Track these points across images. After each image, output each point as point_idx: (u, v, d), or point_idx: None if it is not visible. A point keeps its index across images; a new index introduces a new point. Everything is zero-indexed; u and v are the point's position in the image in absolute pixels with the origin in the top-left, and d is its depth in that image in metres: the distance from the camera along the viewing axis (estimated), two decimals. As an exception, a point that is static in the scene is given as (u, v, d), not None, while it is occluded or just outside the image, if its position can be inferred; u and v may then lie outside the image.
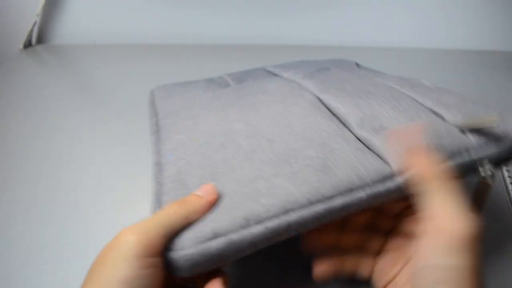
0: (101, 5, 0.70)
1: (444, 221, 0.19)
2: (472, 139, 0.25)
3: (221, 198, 0.22)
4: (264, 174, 0.23)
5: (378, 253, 0.26)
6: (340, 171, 0.23)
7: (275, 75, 0.42)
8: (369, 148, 0.25)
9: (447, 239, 0.18)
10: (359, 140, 0.26)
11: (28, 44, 0.71)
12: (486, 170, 0.25)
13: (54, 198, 0.35)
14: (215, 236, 0.20)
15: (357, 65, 0.46)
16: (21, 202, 0.34)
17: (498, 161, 0.26)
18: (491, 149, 0.25)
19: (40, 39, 0.74)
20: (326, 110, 0.30)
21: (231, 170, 0.24)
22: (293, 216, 0.21)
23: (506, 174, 0.36)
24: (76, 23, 0.72)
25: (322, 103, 0.31)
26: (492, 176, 0.25)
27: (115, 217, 0.33)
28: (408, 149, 0.23)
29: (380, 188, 0.23)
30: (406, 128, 0.25)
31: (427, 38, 0.68)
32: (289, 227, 0.21)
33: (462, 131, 0.26)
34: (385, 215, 0.26)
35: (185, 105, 0.35)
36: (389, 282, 0.24)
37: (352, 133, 0.27)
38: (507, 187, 0.35)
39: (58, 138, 0.44)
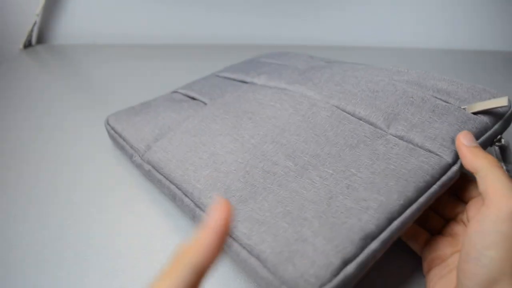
0: (101, 5, 0.70)
1: (496, 196, 0.21)
2: (486, 120, 0.27)
3: (313, 221, 0.22)
4: (336, 190, 0.24)
5: (435, 232, 0.27)
6: (412, 173, 0.24)
7: (241, 81, 0.41)
8: (415, 145, 0.26)
9: (498, 210, 0.20)
10: (397, 138, 0.27)
11: (28, 44, 0.71)
12: (500, 143, 0.29)
13: (54, 198, 0.35)
14: (346, 263, 0.20)
15: (310, 57, 0.45)
16: (21, 202, 0.34)
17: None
18: (501, 125, 0.28)
19: (40, 39, 0.74)
20: (348, 115, 0.30)
21: (297, 195, 0.24)
22: (396, 224, 0.22)
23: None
24: (76, 23, 0.72)
25: (338, 108, 0.31)
26: (505, 145, 0.29)
27: (115, 217, 0.33)
28: (460, 144, 0.25)
29: (445, 179, 0.24)
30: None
31: (427, 38, 0.68)
32: (395, 234, 0.22)
33: (474, 114, 0.28)
34: (450, 201, 0.28)
35: (170, 135, 0.33)
36: (437, 259, 0.25)
37: (386, 132, 0.28)
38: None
39: (58, 138, 0.44)
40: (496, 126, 0.28)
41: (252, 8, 0.69)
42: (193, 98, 0.40)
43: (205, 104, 0.37)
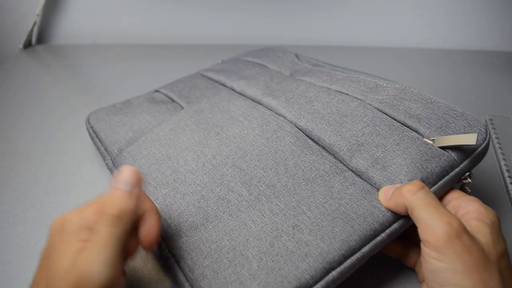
0: (101, 5, 0.70)
1: (427, 234, 0.21)
2: (454, 156, 0.26)
3: (253, 262, 0.22)
4: (283, 227, 0.24)
5: None
6: (361, 219, 0.24)
7: (222, 84, 0.41)
8: (372, 185, 0.26)
9: (435, 247, 0.20)
10: (356, 174, 0.27)
11: (28, 44, 0.71)
12: (467, 180, 0.27)
13: (54, 198, 0.35)
14: None
15: (296, 56, 0.45)
16: (21, 202, 0.34)
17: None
18: (470, 162, 0.27)
19: (40, 39, 0.74)
20: (312, 143, 0.30)
21: (245, 228, 0.24)
22: (333, 274, 0.22)
23: (506, 174, 0.36)
24: (76, 23, 0.72)
25: (303, 132, 0.31)
26: (471, 184, 0.27)
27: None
28: (383, 202, 0.25)
29: (396, 227, 0.24)
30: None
31: (427, 38, 0.68)
32: (331, 284, 0.22)
33: (442, 148, 0.27)
34: None
35: (141, 140, 0.34)
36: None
37: (347, 166, 0.28)
38: (507, 187, 0.35)
39: (58, 138, 0.44)
40: (464, 164, 0.26)
41: (253, 8, 0.69)
42: (173, 100, 0.40)
43: (182, 108, 0.38)
